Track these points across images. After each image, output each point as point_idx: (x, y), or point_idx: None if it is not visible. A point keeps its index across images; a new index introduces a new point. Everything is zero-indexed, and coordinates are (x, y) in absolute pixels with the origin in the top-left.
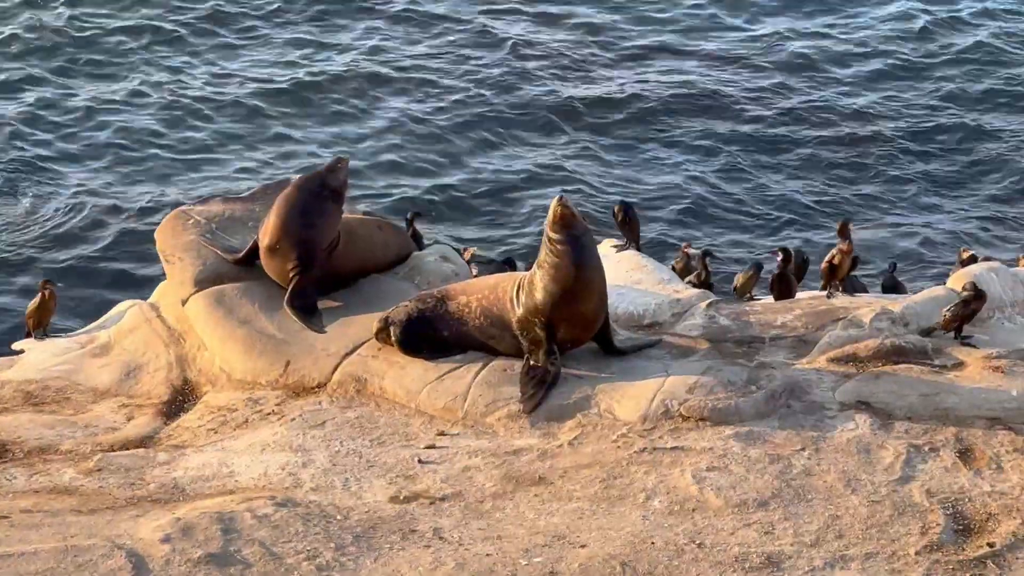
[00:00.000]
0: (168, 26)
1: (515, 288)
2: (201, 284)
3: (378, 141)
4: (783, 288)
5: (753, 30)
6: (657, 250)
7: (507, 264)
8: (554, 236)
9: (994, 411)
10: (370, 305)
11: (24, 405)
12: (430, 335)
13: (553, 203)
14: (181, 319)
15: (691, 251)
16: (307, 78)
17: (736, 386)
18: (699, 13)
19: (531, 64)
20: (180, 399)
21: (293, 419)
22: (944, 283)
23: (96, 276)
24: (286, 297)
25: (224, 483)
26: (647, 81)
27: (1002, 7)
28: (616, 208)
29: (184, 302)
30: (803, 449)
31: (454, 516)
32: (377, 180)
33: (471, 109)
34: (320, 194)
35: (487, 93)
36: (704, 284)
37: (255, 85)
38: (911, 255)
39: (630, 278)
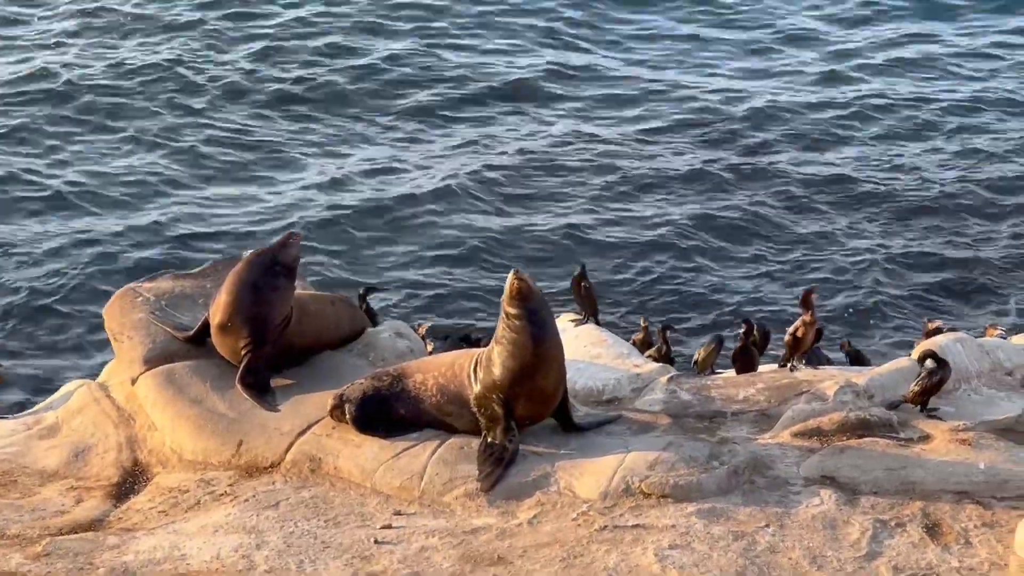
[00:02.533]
0: None
1: (472, 364)
2: (151, 363)
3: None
4: (745, 361)
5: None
6: (616, 324)
7: (463, 339)
8: (511, 311)
9: (961, 484)
10: (324, 382)
11: None
12: (386, 413)
13: (509, 277)
14: (131, 399)
15: (651, 326)
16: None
17: (698, 462)
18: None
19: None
20: (130, 481)
21: (246, 500)
22: (909, 354)
23: (44, 354)
24: (238, 375)
25: (176, 566)
26: (592, 148)
27: None
28: (574, 280)
29: (134, 381)
30: (767, 526)
31: None
32: (331, 258)
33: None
34: (272, 270)
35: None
36: (664, 358)
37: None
38: (873, 323)
39: (589, 353)
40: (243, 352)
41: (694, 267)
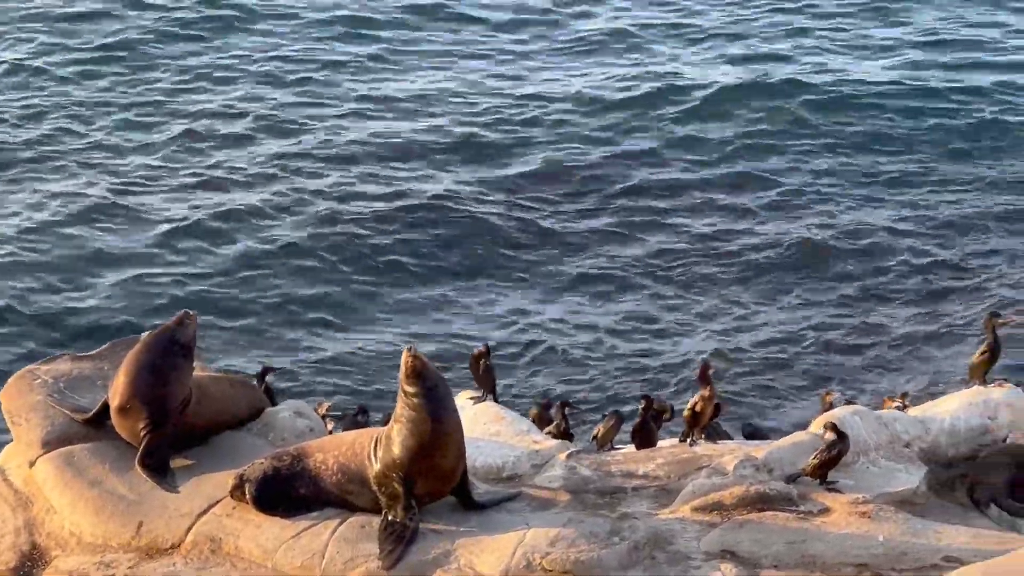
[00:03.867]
0: None
1: (372, 443)
2: (49, 445)
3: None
4: (644, 437)
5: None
6: (514, 401)
7: (361, 413)
8: (409, 389)
9: (861, 557)
10: (224, 462)
11: None
12: (286, 492)
13: (404, 355)
14: (29, 482)
15: (550, 402)
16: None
17: (599, 537)
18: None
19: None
20: (29, 565)
21: None
22: (807, 427)
23: None
24: (138, 456)
25: None
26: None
27: None
28: (473, 358)
29: (32, 464)
30: None
31: None
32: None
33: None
34: (169, 350)
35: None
36: (563, 434)
37: None
38: (770, 396)
39: (488, 430)
40: (143, 433)
41: (593, 342)
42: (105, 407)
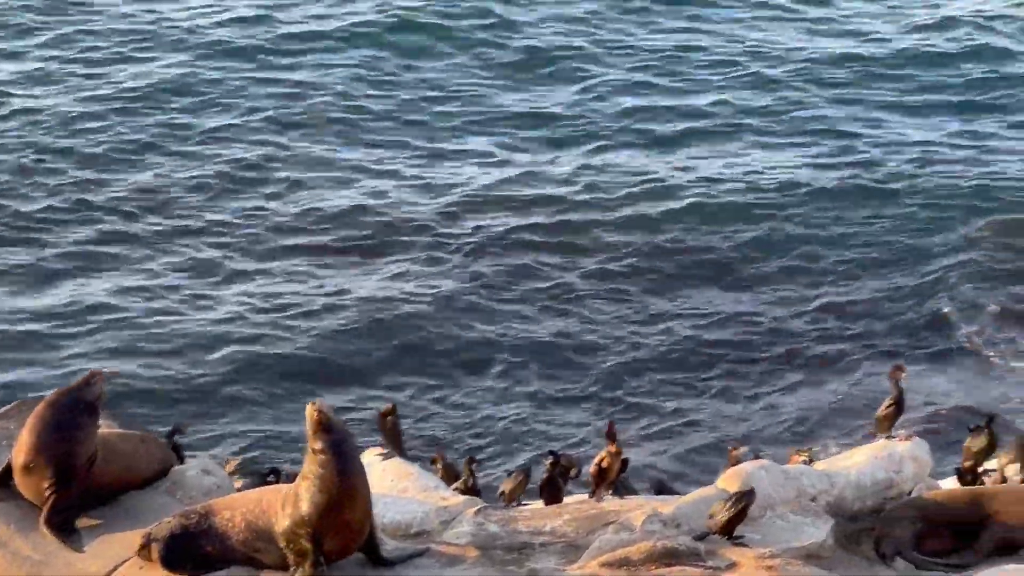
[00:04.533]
0: None
1: (281, 500)
2: None
3: None
4: (552, 492)
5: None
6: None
7: (271, 473)
8: (316, 445)
9: None
10: (131, 521)
11: None
12: (194, 550)
13: (308, 409)
14: None
15: (458, 458)
16: None
17: None
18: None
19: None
20: None
21: None
22: (714, 482)
23: None
24: (43, 516)
25: None
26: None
27: None
28: (380, 415)
29: None
30: None
31: None
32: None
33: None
34: (74, 409)
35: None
36: (471, 490)
37: None
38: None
39: (396, 486)
40: (47, 493)
41: (499, 398)
42: (9, 467)
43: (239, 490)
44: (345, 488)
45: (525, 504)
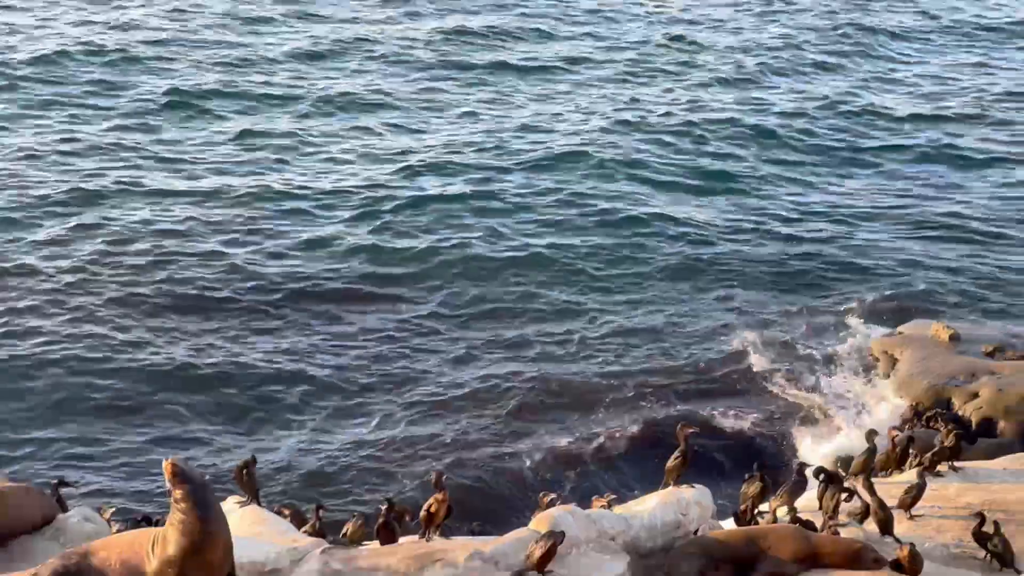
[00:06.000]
0: None
1: (151, 543)
2: None
3: None
4: (387, 534)
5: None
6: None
7: (143, 520)
8: (176, 494)
9: None
10: (18, 564)
11: None
12: None
13: (164, 464)
14: None
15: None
16: None
17: None
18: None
19: None
20: None
21: None
22: (527, 525)
23: None
24: None
25: None
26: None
27: None
28: (237, 469)
29: None
30: None
31: None
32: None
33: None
34: None
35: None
36: (318, 533)
37: None
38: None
39: (252, 530)
40: None
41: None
42: None
43: (115, 533)
44: (206, 531)
45: (365, 544)
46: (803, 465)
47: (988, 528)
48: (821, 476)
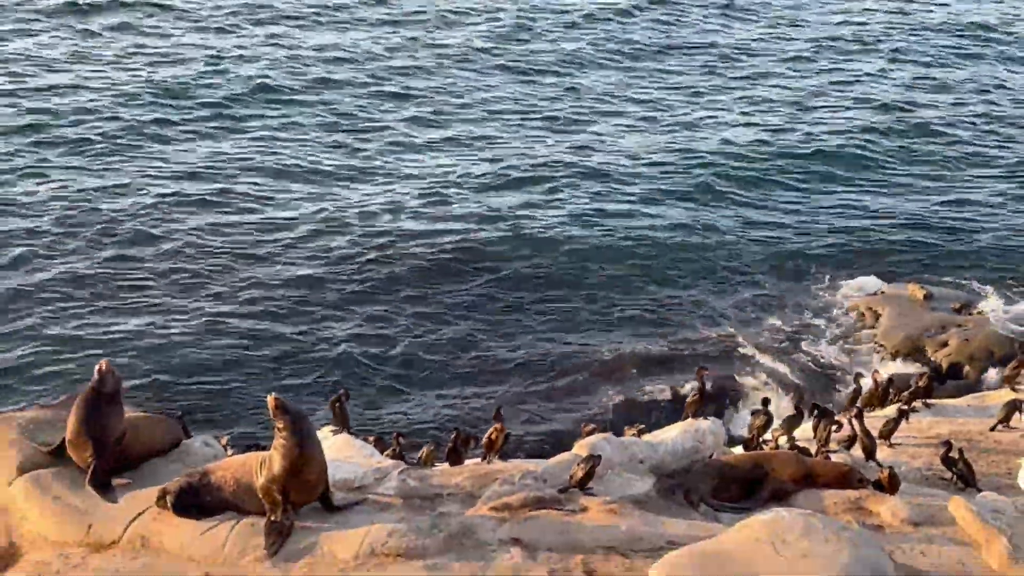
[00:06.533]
0: None
1: (259, 464)
2: (23, 470)
3: None
4: (455, 458)
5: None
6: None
7: (253, 446)
8: (278, 425)
9: (610, 542)
10: (152, 480)
11: None
12: (197, 501)
13: (268, 399)
14: (7, 497)
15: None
16: None
17: (423, 531)
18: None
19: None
20: (4, 560)
21: (94, 568)
22: (571, 449)
23: None
24: (87, 477)
25: None
26: None
27: None
28: (332, 401)
29: (10, 484)
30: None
31: None
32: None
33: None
34: (97, 400)
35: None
36: (398, 457)
37: None
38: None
39: (343, 454)
40: (90, 460)
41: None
42: (63, 442)
43: (230, 457)
44: (303, 456)
45: (436, 466)
46: (800, 401)
47: (954, 454)
48: (815, 411)
